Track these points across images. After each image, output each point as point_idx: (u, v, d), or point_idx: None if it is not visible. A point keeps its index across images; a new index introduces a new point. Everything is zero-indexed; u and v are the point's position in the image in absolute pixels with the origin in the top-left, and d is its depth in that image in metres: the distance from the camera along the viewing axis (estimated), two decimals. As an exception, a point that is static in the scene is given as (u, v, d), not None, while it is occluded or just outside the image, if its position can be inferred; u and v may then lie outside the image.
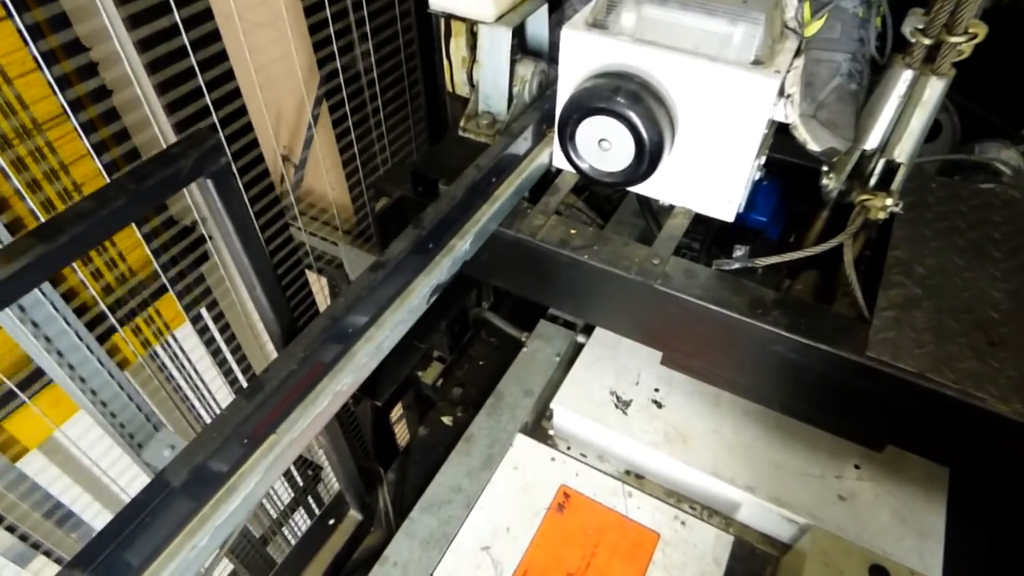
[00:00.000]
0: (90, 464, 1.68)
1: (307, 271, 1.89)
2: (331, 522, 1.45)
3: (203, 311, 1.71)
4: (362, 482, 1.39)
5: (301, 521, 2.78)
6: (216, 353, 1.82)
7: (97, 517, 1.84)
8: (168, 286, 1.51)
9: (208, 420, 1.95)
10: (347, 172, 1.94)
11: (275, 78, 1.90)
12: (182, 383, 1.82)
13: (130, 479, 1.80)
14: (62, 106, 1.18)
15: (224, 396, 1.97)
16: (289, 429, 0.80)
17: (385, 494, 1.45)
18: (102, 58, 1.23)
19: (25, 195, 1.23)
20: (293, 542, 2.78)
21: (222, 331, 1.79)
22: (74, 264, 1.36)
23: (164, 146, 1.28)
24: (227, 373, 1.90)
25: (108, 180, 1.25)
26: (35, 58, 1.11)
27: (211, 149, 0.62)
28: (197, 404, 1.91)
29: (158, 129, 1.28)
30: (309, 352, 0.80)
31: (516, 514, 1.36)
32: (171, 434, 1.08)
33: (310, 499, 2.69)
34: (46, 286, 0.87)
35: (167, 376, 1.77)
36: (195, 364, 1.84)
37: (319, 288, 1.94)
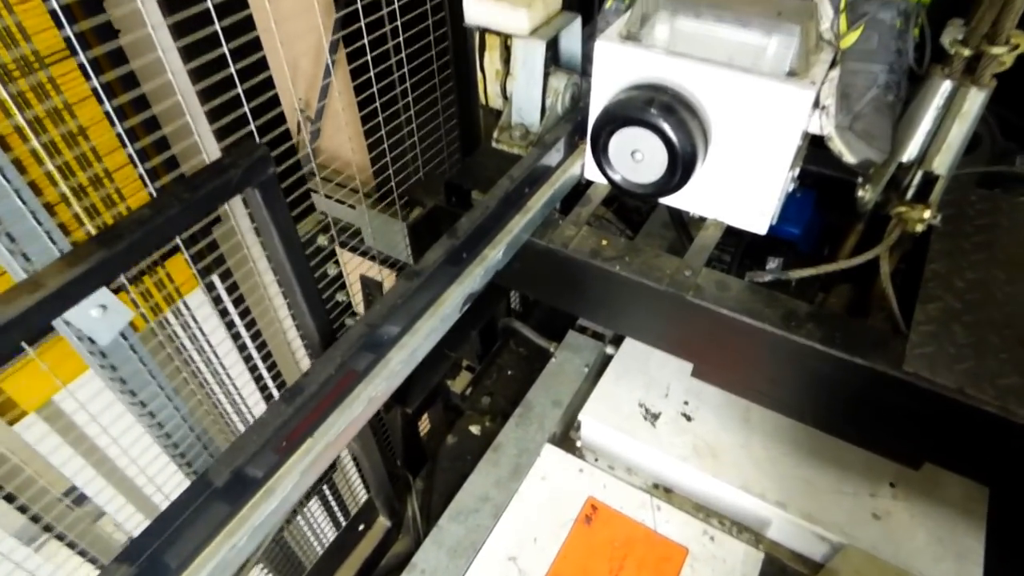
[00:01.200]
0: (98, 435, 1.63)
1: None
2: (360, 528, 1.47)
3: (215, 279, 1.68)
4: (392, 489, 1.41)
5: (317, 509, 2.80)
6: (229, 325, 1.80)
7: (90, 485, 1.79)
8: (181, 246, 1.46)
9: (221, 395, 1.93)
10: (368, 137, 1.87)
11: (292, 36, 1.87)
12: (193, 354, 1.78)
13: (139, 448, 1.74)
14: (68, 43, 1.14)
15: (232, 362, 1.91)
16: (325, 434, 0.82)
17: (414, 501, 1.46)
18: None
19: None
20: (307, 530, 2.80)
21: (236, 303, 1.76)
22: (84, 220, 1.32)
23: (172, 77, 1.23)
24: (239, 345, 1.86)
25: (108, 112, 1.21)
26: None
27: (259, 160, 0.64)
28: (209, 378, 1.87)
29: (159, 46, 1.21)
30: (346, 358, 0.81)
31: (543, 525, 1.36)
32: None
33: (325, 488, 2.70)
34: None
35: (178, 347, 1.73)
36: (207, 334, 1.80)
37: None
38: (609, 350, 1.68)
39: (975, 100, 0.89)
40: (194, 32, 1.27)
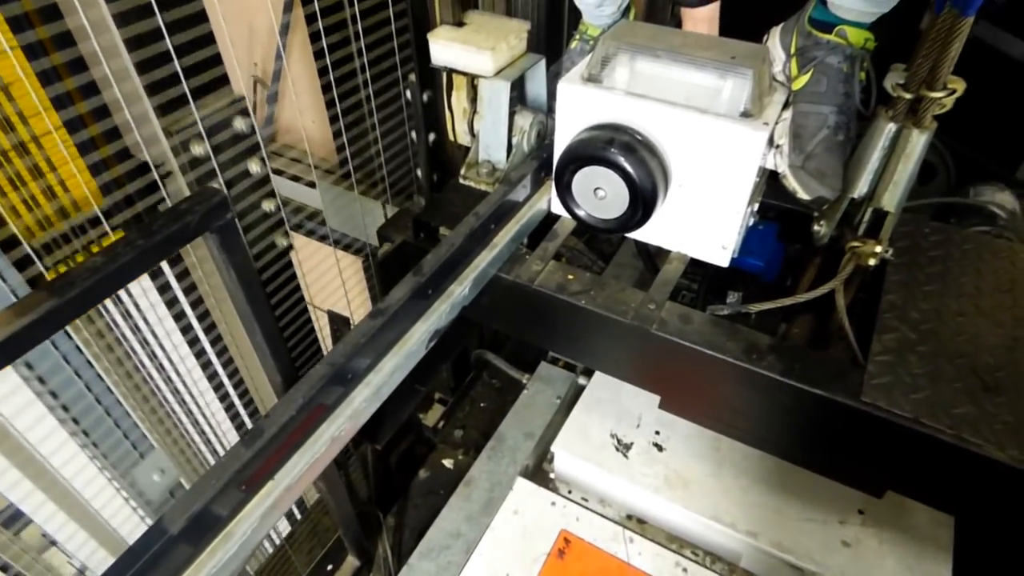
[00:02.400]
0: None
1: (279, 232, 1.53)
2: (329, 568, 1.44)
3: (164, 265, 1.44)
4: (361, 527, 1.39)
5: (282, 526, 2.71)
6: (175, 309, 1.60)
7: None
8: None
9: (165, 390, 1.72)
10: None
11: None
12: (135, 345, 1.52)
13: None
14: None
15: (174, 347, 1.61)
16: (286, 476, 0.81)
17: (385, 539, 1.44)
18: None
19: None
20: (270, 550, 2.70)
21: (186, 291, 1.58)
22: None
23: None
24: (186, 330, 1.60)
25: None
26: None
27: (217, 205, 0.65)
28: (152, 368, 1.68)
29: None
30: (308, 398, 0.81)
31: (516, 561, 1.35)
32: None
33: (292, 505, 2.61)
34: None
35: (117, 337, 1.56)
36: (151, 325, 1.51)
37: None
38: (581, 380, 1.69)
39: (917, 142, 0.93)
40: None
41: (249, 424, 1.89)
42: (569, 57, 1.43)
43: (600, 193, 1.09)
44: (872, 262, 1.06)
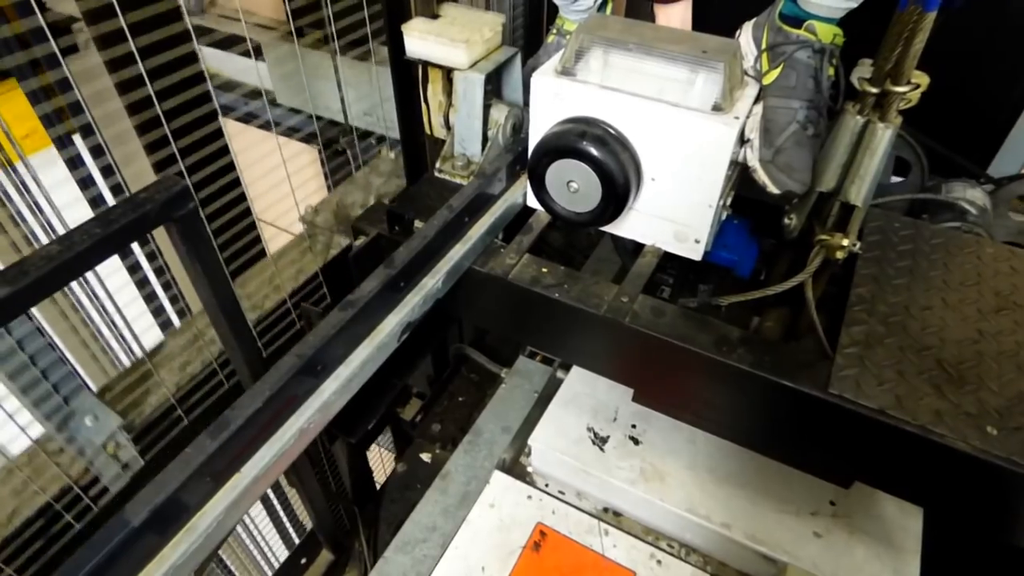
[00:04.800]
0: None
1: (222, 119, 1.24)
2: (303, 561, 1.43)
3: (76, 139, 1.10)
4: (334, 521, 1.38)
5: (259, 517, 2.68)
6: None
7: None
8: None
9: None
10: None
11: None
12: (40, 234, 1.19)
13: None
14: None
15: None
16: (254, 469, 0.80)
17: (361, 533, 1.43)
18: None
19: None
20: (248, 542, 2.65)
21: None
22: None
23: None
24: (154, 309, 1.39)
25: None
26: None
27: (178, 194, 0.64)
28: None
29: None
30: (276, 389, 0.81)
31: (491, 553, 1.35)
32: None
33: (271, 494, 2.56)
34: None
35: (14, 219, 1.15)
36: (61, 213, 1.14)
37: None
38: (559, 375, 1.69)
39: (883, 136, 0.94)
40: None
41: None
42: (545, 51, 1.43)
43: (573, 186, 1.10)
44: (840, 255, 1.07)
